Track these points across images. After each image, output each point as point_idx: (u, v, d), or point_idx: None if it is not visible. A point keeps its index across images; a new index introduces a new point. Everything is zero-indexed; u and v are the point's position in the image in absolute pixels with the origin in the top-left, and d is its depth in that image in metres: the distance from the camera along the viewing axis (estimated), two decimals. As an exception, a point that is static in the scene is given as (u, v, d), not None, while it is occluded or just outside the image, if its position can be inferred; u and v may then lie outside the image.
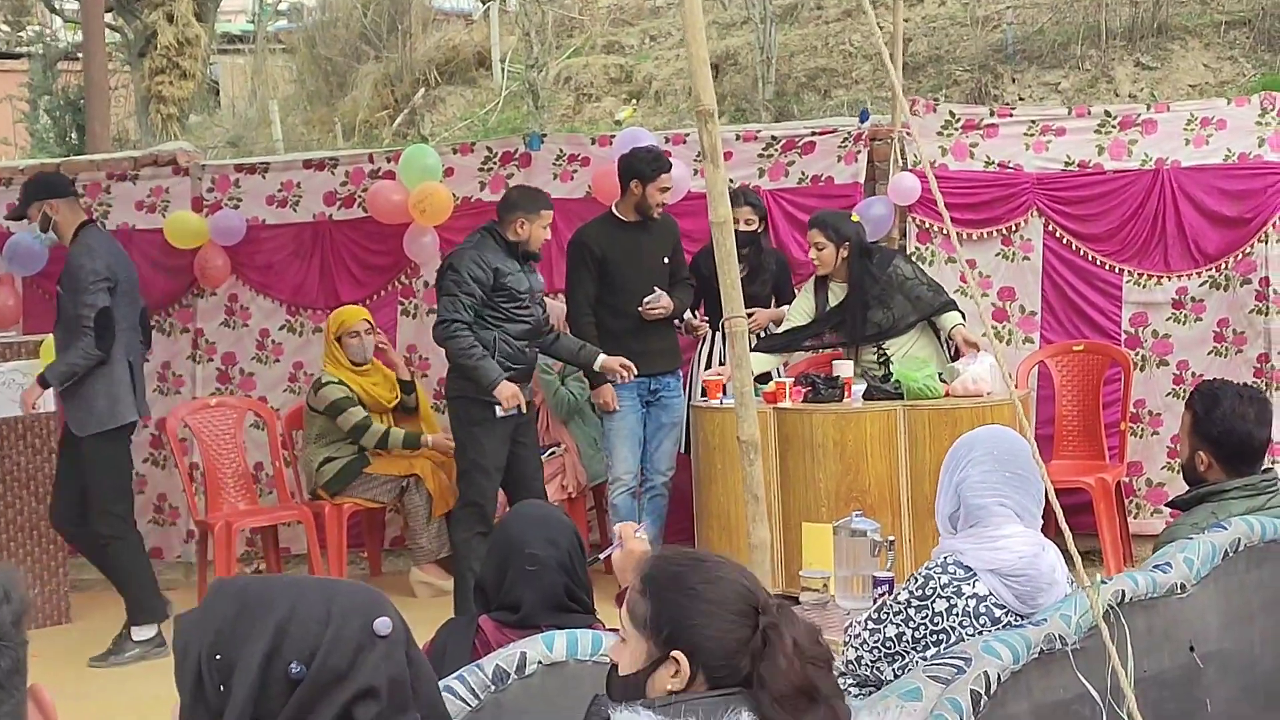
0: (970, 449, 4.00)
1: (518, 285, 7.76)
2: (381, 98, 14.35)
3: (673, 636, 2.68)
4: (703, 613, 2.69)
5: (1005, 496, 3.93)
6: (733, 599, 2.72)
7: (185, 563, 9.73)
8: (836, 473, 7.43)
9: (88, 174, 9.98)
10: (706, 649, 2.67)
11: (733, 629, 2.68)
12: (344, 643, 2.19)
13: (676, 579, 2.74)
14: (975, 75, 11.12)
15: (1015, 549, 3.88)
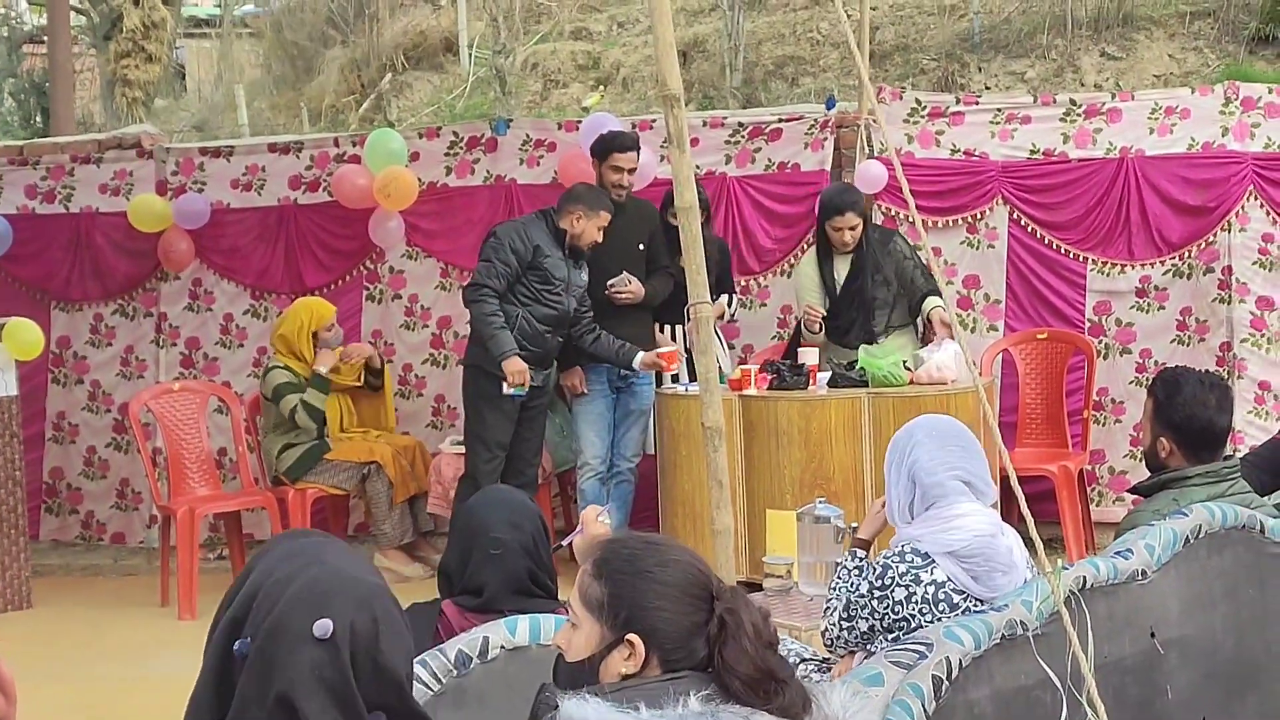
0: (910, 436, 4.09)
1: (554, 270, 7.81)
2: (348, 83, 14.28)
3: (629, 619, 2.68)
4: (659, 594, 2.69)
5: (955, 467, 4.02)
6: (688, 582, 2.72)
7: (148, 548, 9.70)
8: (801, 460, 7.43)
9: (51, 156, 9.94)
10: (662, 631, 2.66)
11: (689, 612, 2.68)
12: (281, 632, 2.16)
13: (631, 561, 2.74)
14: (942, 64, 11.12)
15: (970, 527, 3.92)
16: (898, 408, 7.25)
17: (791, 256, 8.92)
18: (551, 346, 7.94)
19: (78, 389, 9.96)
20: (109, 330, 9.90)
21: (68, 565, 9.65)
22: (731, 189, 8.96)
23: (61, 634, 7.85)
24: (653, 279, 8.27)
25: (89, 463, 9.95)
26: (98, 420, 9.93)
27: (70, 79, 14.45)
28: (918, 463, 4.01)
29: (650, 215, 8.36)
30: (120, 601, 8.70)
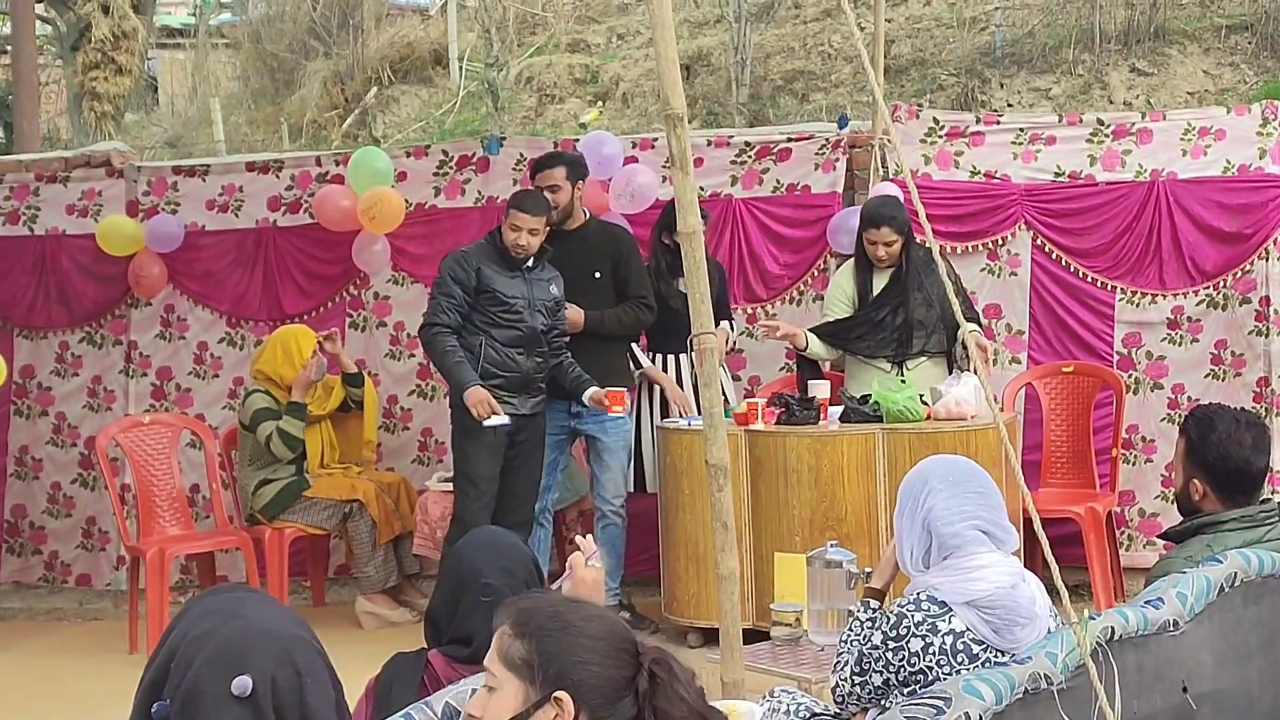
0: (925, 482, 4.10)
1: (506, 289, 7.81)
2: (331, 97, 14.33)
3: (557, 676, 2.70)
4: (587, 649, 2.72)
5: (974, 517, 4.04)
6: (614, 636, 2.76)
7: (115, 590, 9.69)
8: (811, 500, 7.43)
9: (15, 175, 9.95)
10: (591, 686, 2.69)
11: (617, 666, 2.72)
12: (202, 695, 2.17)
13: (556, 617, 2.76)
14: (961, 80, 11.16)
15: (991, 579, 3.93)
16: (914, 444, 7.24)
17: (801, 283, 8.93)
18: (527, 368, 7.87)
19: (42, 421, 9.95)
20: (75, 359, 9.89)
21: (30, 609, 9.63)
22: (738, 211, 8.97)
23: (19, 683, 7.83)
24: (618, 308, 8.24)
25: (53, 500, 9.94)
26: (63, 455, 9.92)
27: (35, 92, 14.48)
28: (933, 511, 4.02)
29: (614, 241, 8.35)
30: (85, 648, 8.67)
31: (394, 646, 4.26)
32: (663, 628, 8.20)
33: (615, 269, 8.26)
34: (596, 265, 8.23)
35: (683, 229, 5.12)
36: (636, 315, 8.27)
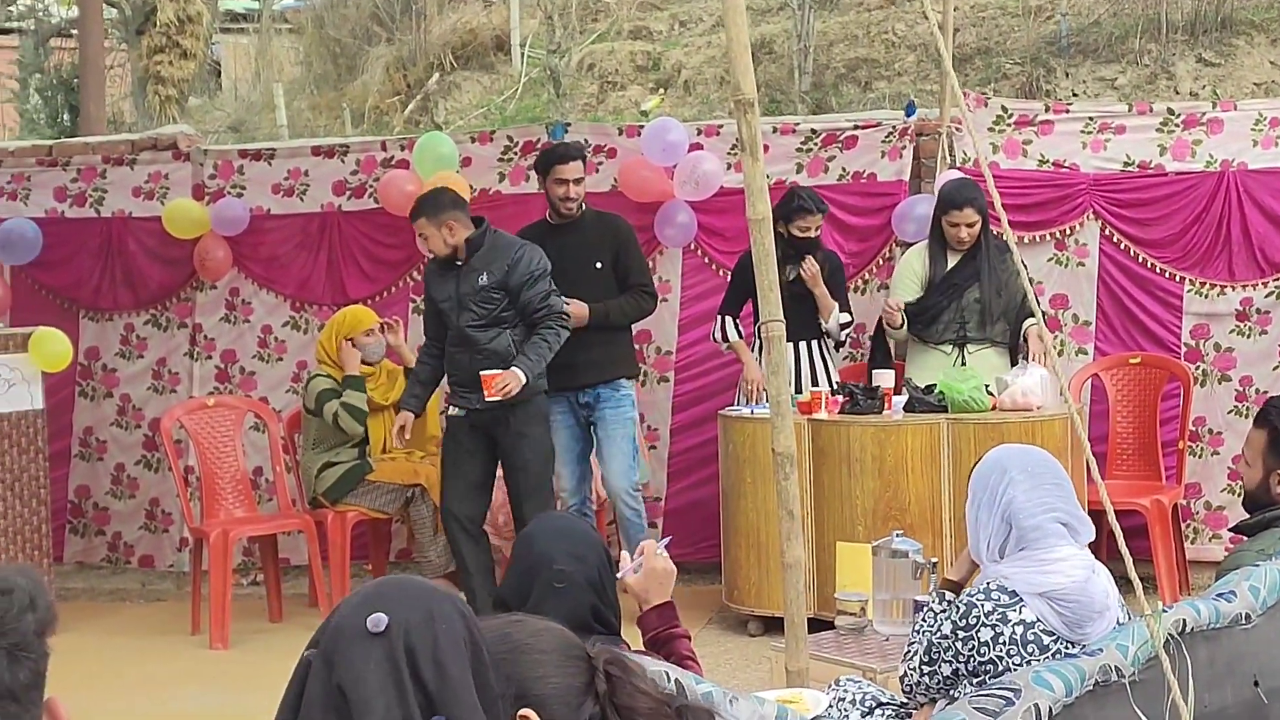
0: (1003, 473, 4.06)
1: (438, 292, 7.93)
2: (393, 82, 14.36)
3: (518, 696, 2.71)
4: (541, 663, 2.74)
5: (1054, 509, 4.02)
6: (564, 646, 2.79)
7: (178, 572, 9.76)
8: (874, 490, 7.42)
9: (82, 157, 10.01)
10: (553, 697, 2.71)
11: (573, 674, 2.74)
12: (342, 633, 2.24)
13: (504, 639, 2.78)
14: (1026, 69, 11.09)
15: (1067, 573, 3.92)
16: (979, 435, 7.22)
17: (865, 272, 8.91)
18: (466, 365, 7.83)
19: (106, 403, 10.02)
20: (140, 341, 9.96)
21: (92, 589, 9.70)
22: (807, 201, 8.94)
23: (82, 663, 7.88)
24: (621, 298, 8.28)
25: (117, 481, 10.01)
26: (127, 436, 9.99)
27: (101, 75, 14.59)
28: (1014, 503, 4.00)
29: (613, 231, 8.37)
30: (147, 629, 8.74)
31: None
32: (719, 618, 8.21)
33: (615, 259, 8.29)
34: (597, 256, 8.25)
35: (751, 215, 5.11)
36: (638, 303, 8.36)
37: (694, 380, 9.14)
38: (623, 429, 8.26)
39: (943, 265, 8.00)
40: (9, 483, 8.59)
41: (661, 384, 9.23)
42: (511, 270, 7.73)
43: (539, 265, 7.78)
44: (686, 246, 9.11)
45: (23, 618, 1.65)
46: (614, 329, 8.30)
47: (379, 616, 2.21)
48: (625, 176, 8.98)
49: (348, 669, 2.19)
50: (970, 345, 7.97)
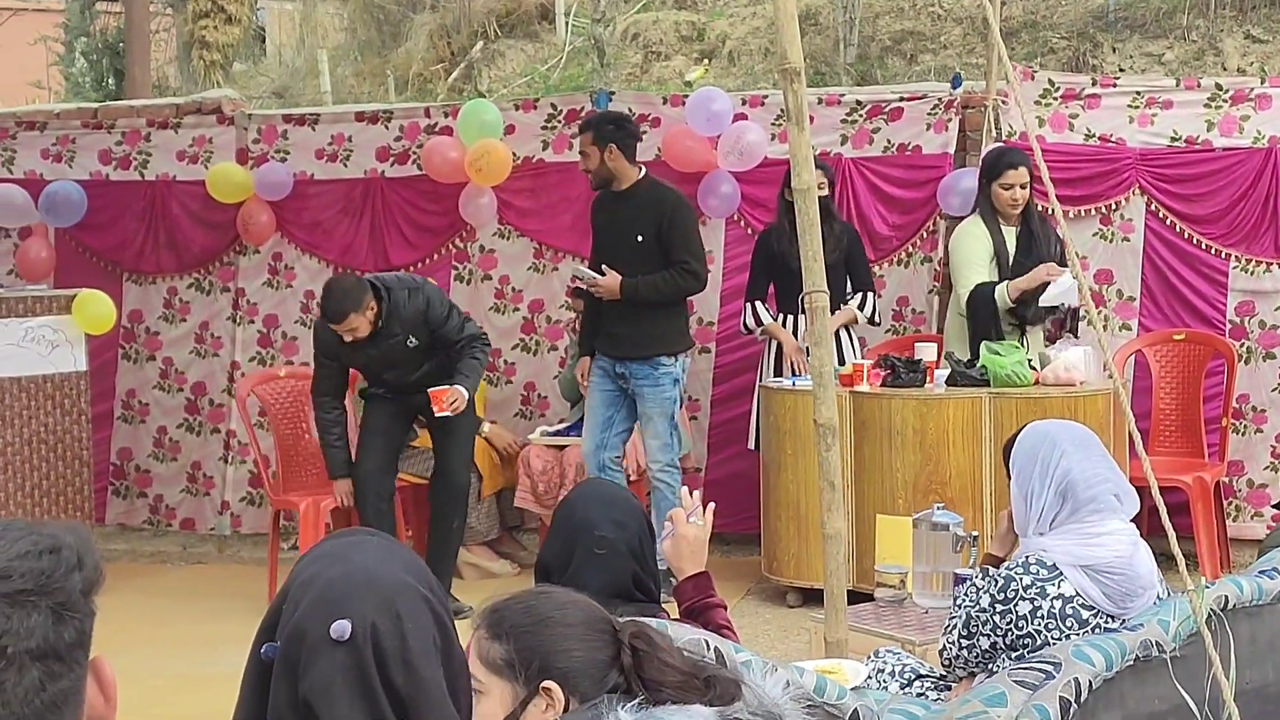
0: (1053, 445, 4.05)
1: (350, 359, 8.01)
2: (437, 50, 14.36)
3: (541, 668, 2.72)
4: (566, 636, 2.75)
5: (1109, 480, 4.02)
6: (590, 619, 2.80)
7: (219, 535, 9.81)
8: (915, 463, 7.40)
9: (127, 120, 10.04)
10: (577, 670, 2.72)
11: (598, 648, 2.75)
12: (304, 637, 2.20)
13: (529, 612, 2.79)
14: (1073, 43, 11.04)
15: (1113, 546, 3.92)
16: (1021, 409, 7.19)
17: (909, 245, 8.88)
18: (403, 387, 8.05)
19: (149, 366, 10.06)
20: (183, 305, 9.99)
21: (134, 551, 9.76)
22: (847, 171, 8.92)
23: (123, 625, 7.92)
24: (657, 275, 7.94)
25: (159, 444, 10.05)
26: (169, 399, 10.03)
27: (147, 40, 14.65)
28: (1070, 474, 3.97)
29: (659, 204, 7.98)
30: (188, 592, 8.79)
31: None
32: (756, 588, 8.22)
33: (659, 232, 7.94)
34: (639, 229, 7.95)
35: (796, 185, 5.09)
36: (676, 281, 7.97)
37: (735, 351, 9.13)
38: (659, 408, 8.03)
39: (1000, 240, 7.92)
40: (52, 444, 8.66)
41: (703, 355, 9.22)
42: (425, 324, 7.88)
43: (441, 302, 7.98)
44: (729, 217, 9.10)
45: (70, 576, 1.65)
46: (654, 305, 7.98)
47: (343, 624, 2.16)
48: (669, 146, 8.97)
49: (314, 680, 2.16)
50: (1031, 324, 7.93)
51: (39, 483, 8.64)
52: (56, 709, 1.62)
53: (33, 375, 8.56)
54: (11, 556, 1.62)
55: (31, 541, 1.64)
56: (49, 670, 1.61)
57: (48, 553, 1.64)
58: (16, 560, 1.62)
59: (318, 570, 2.27)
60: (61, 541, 1.66)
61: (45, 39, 22.08)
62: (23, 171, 10.01)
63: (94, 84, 19.38)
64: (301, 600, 2.22)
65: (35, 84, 21.87)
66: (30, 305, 8.58)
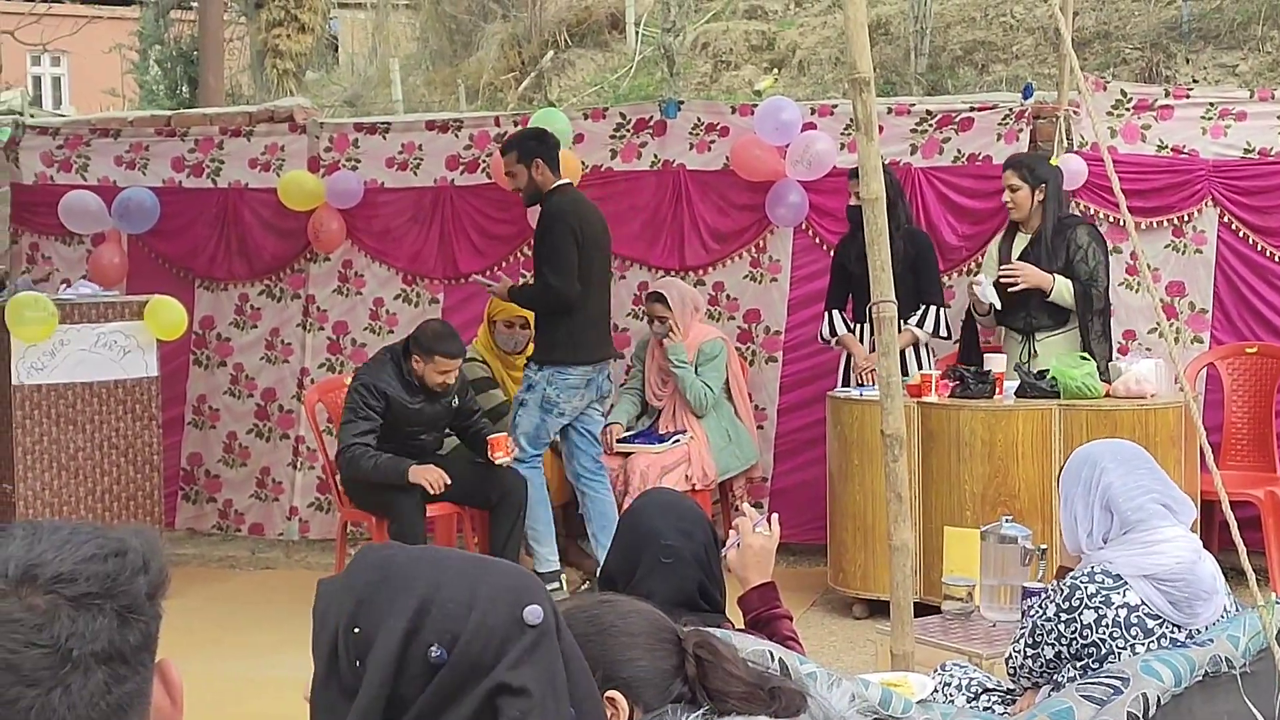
0: (1094, 465, 4.11)
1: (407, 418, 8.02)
2: (508, 59, 14.42)
3: (605, 678, 2.70)
4: (630, 645, 2.73)
5: (1152, 490, 4.03)
6: (654, 628, 2.78)
7: (287, 540, 9.85)
8: (984, 475, 7.36)
9: (200, 128, 10.12)
10: (641, 680, 2.70)
11: (663, 657, 2.73)
12: (489, 630, 2.18)
13: (593, 621, 2.77)
14: (1146, 54, 10.97)
15: (1173, 553, 3.93)
16: (1091, 421, 7.15)
17: (979, 254, 8.82)
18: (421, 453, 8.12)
19: (220, 372, 10.12)
20: (254, 312, 10.05)
21: (203, 556, 9.81)
22: (916, 181, 8.88)
23: (191, 629, 7.96)
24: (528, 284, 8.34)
25: (229, 449, 10.11)
26: (240, 405, 10.09)
27: (220, 48, 14.76)
28: (1111, 489, 4.01)
29: (545, 215, 8.16)
30: (257, 596, 8.82)
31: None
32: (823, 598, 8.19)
33: (538, 243, 8.21)
34: (533, 238, 8.37)
35: (865, 195, 5.08)
36: (530, 293, 8.26)
37: (802, 361, 9.10)
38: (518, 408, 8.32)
39: (1008, 246, 7.97)
40: (123, 449, 8.72)
41: (770, 364, 9.21)
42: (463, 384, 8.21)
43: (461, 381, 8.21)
44: (797, 226, 9.07)
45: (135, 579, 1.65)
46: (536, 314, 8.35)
47: (535, 609, 2.13)
48: (737, 155, 8.96)
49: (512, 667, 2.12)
50: (1039, 333, 7.90)
51: (109, 487, 8.70)
52: (122, 712, 1.63)
53: (104, 381, 8.62)
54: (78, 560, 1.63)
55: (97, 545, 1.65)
56: (114, 673, 1.62)
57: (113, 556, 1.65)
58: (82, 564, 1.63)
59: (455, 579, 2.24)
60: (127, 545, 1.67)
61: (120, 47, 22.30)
62: (97, 178, 10.10)
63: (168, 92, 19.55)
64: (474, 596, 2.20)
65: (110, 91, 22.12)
66: (103, 311, 8.64)
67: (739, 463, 8.74)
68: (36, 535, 1.65)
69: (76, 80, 28.67)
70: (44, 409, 8.43)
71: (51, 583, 1.60)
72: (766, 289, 9.13)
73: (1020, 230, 8.04)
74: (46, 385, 8.42)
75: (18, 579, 1.60)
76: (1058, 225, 7.90)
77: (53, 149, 10.22)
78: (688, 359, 8.60)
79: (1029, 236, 7.98)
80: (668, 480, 8.21)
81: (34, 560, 1.62)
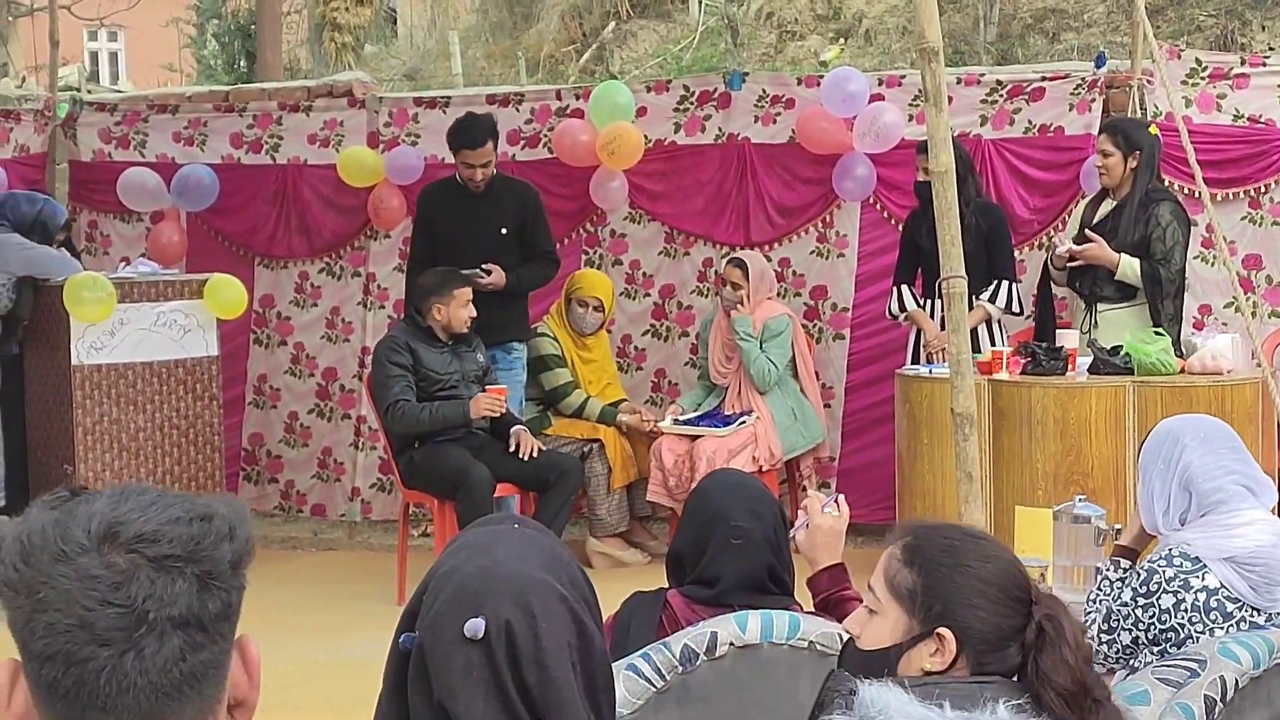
0: (1174, 441, 4.07)
1: (436, 368, 8.08)
2: (569, 31, 14.42)
3: (942, 614, 2.68)
4: (977, 591, 2.68)
5: (1234, 471, 4.01)
6: (1008, 582, 2.71)
7: (349, 522, 9.90)
8: (1056, 453, 7.32)
9: (258, 103, 10.15)
10: (976, 630, 2.66)
11: (1006, 614, 2.68)
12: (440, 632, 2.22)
13: (950, 552, 2.74)
14: (1220, 21, 10.89)
15: (1253, 536, 3.92)
16: (1166, 399, 7.10)
17: (1050, 229, 8.76)
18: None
19: (280, 351, 10.15)
20: (314, 290, 10.07)
21: (266, 536, 9.84)
22: (986, 152, 8.82)
23: (254, 610, 7.97)
24: (528, 265, 8.55)
25: (290, 429, 10.15)
26: (300, 385, 10.12)
27: (278, 22, 14.83)
28: (1190, 468, 3.98)
29: (522, 197, 8.65)
30: (319, 577, 8.87)
31: (626, 586, 4.28)
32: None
33: (522, 226, 8.55)
34: (503, 222, 8.52)
35: (934, 168, 5.07)
36: (544, 271, 8.71)
37: (871, 338, 9.07)
38: (514, 391, 8.53)
39: (1092, 211, 7.92)
40: (184, 429, 8.78)
41: (837, 341, 9.19)
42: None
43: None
44: (865, 200, 9.04)
45: (220, 546, 1.64)
46: (510, 294, 8.51)
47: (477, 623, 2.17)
48: (803, 128, 8.93)
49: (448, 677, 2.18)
50: (1101, 304, 7.84)
51: (170, 468, 8.76)
52: (196, 681, 1.62)
53: (164, 360, 8.67)
54: (162, 521, 1.62)
55: (184, 508, 1.65)
56: (190, 640, 1.61)
57: (199, 520, 1.64)
58: (167, 525, 1.62)
59: (457, 564, 2.28)
60: (214, 511, 1.66)
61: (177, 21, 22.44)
62: (155, 155, 10.15)
63: (225, 66, 19.65)
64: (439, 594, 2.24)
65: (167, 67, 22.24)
66: (162, 290, 8.69)
67: (805, 441, 8.72)
68: (123, 495, 1.65)
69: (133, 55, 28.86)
70: (104, 389, 8.49)
71: (133, 541, 1.60)
72: (833, 264, 9.11)
73: (1109, 196, 7.95)
74: (106, 365, 8.48)
75: (100, 536, 1.60)
76: (1144, 197, 7.79)
77: (110, 125, 10.28)
78: (753, 333, 8.60)
79: (1114, 204, 7.90)
80: (735, 463, 8.19)
81: (118, 518, 1.61)
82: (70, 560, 1.58)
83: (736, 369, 8.74)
